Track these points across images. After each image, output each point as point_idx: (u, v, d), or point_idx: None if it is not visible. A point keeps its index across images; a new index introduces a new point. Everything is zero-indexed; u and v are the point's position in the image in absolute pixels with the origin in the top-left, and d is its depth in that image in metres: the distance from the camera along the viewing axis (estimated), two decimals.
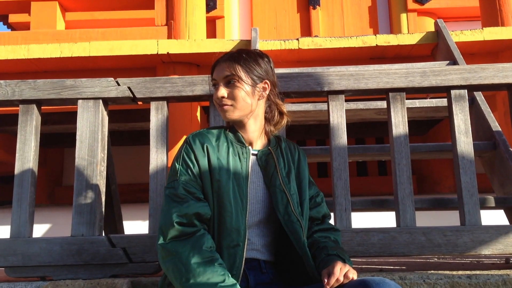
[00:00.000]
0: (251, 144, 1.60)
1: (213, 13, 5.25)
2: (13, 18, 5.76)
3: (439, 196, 4.17)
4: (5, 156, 4.30)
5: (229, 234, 1.43)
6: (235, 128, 1.60)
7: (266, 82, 1.59)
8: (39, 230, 4.42)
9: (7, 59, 3.30)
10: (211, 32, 5.18)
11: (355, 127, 4.45)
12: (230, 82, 1.55)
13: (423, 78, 2.09)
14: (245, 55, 1.57)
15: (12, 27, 5.95)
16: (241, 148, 1.56)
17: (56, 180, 5.33)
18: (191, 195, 1.45)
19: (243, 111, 1.56)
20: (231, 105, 1.54)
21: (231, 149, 1.54)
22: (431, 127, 4.74)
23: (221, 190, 1.46)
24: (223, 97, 1.54)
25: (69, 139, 4.49)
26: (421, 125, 4.70)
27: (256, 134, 1.61)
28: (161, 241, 1.40)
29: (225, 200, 1.45)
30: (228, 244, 1.42)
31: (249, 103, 1.55)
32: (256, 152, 1.60)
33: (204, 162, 1.50)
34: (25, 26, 5.32)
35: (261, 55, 1.61)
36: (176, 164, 1.52)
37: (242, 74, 1.54)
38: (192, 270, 1.31)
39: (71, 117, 3.66)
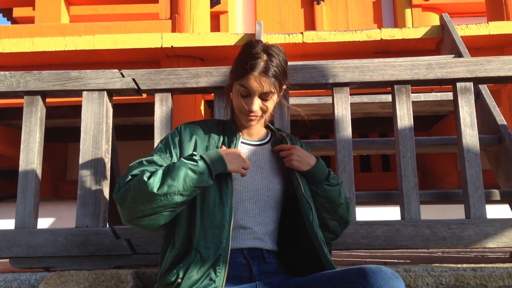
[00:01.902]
0: (252, 136, 1.64)
1: (217, 8, 5.25)
2: (17, 12, 5.76)
3: (444, 190, 4.17)
4: (9, 149, 4.30)
5: (212, 214, 1.42)
6: (234, 120, 1.64)
7: (286, 86, 1.63)
8: (43, 224, 4.44)
9: (11, 52, 3.31)
10: (215, 27, 5.18)
11: (359, 122, 4.44)
12: (265, 97, 1.54)
13: (428, 71, 2.08)
14: (278, 66, 1.53)
15: (16, 21, 5.95)
16: (234, 139, 1.58)
17: (60, 175, 5.34)
18: (159, 166, 1.46)
19: (265, 118, 1.61)
20: (260, 116, 1.56)
21: (226, 140, 1.57)
22: (435, 123, 4.72)
23: None
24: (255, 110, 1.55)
25: (73, 134, 4.49)
26: (426, 120, 4.68)
27: (259, 127, 1.66)
28: (115, 193, 1.43)
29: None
30: (211, 225, 1.40)
31: (272, 110, 1.60)
32: (256, 143, 1.64)
33: (188, 148, 1.52)
34: (29, 21, 5.32)
35: (285, 59, 1.59)
36: (160, 143, 1.57)
37: (277, 89, 1.55)
38: (148, 184, 1.35)
39: (75, 111, 3.66)
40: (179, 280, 1.35)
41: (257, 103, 1.52)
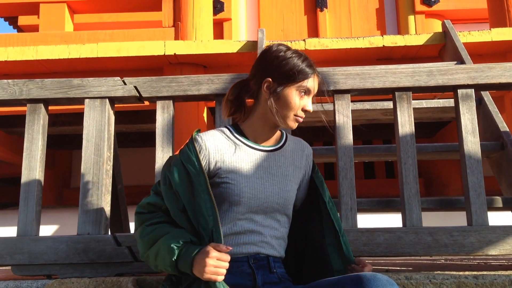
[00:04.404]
0: (266, 141, 1.62)
1: (220, 16, 5.27)
2: (22, 20, 5.81)
3: (446, 197, 4.14)
4: (13, 157, 4.33)
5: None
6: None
7: None
8: (47, 231, 4.44)
9: (15, 60, 3.33)
10: (219, 34, 5.19)
11: (362, 128, 4.43)
12: (312, 97, 1.59)
13: (429, 77, 2.08)
14: None
15: (21, 30, 6.00)
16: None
17: (64, 182, 5.36)
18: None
19: None
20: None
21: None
22: (438, 129, 4.71)
23: None
24: None
25: (77, 141, 4.51)
26: (428, 127, 4.68)
27: (275, 132, 1.64)
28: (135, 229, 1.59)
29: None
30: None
31: None
32: (268, 148, 1.61)
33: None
34: (34, 29, 5.36)
35: None
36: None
37: None
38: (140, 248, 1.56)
39: (79, 118, 3.67)
40: None
41: (311, 103, 1.58)
